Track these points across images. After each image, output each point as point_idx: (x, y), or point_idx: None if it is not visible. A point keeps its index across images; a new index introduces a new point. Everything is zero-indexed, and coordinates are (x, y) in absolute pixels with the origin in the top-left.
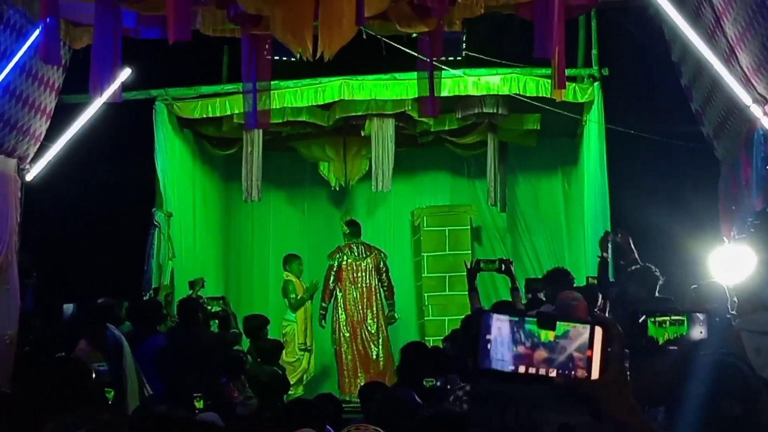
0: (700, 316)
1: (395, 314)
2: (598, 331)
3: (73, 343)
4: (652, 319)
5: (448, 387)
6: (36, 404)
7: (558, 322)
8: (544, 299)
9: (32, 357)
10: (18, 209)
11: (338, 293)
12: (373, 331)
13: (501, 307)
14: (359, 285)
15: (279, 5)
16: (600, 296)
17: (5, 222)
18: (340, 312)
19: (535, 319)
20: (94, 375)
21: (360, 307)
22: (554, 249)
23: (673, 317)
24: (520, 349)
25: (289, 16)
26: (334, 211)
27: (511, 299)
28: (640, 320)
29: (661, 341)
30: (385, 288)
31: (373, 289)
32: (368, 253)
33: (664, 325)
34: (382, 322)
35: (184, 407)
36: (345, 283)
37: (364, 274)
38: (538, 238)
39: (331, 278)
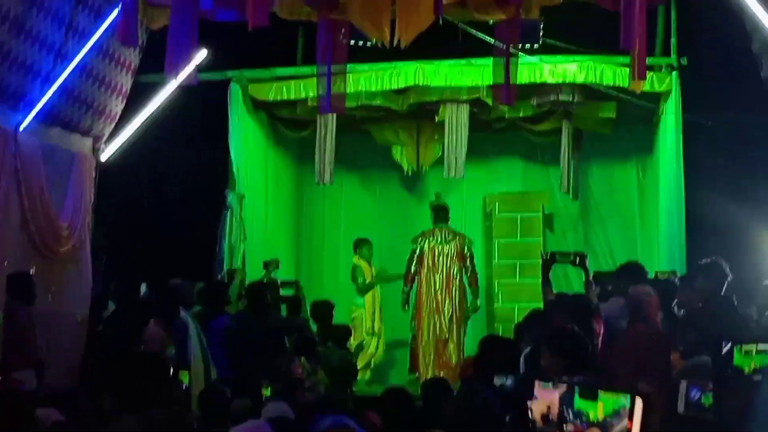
0: None
1: (478, 302)
2: (638, 403)
3: (143, 323)
4: (738, 348)
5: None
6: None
7: (599, 391)
8: (612, 292)
9: (104, 337)
10: (93, 189)
11: (420, 278)
12: (447, 321)
13: (573, 301)
14: (439, 270)
15: None
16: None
17: (80, 201)
18: (420, 297)
19: (577, 391)
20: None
21: (440, 294)
22: (626, 239)
23: (761, 346)
24: (569, 428)
25: (367, 2)
26: (406, 195)
27: (584, 292)
28: (725, 350)
29: (747, 371)
30: (468, 275)
31: (452, 276)
32: (451, 239)
33: (750, 354)
34: (458, 312)
35: (250, 393)
36: (426, 268)
37: (446, 259)
38: (611, 227)
39: (414, 263)
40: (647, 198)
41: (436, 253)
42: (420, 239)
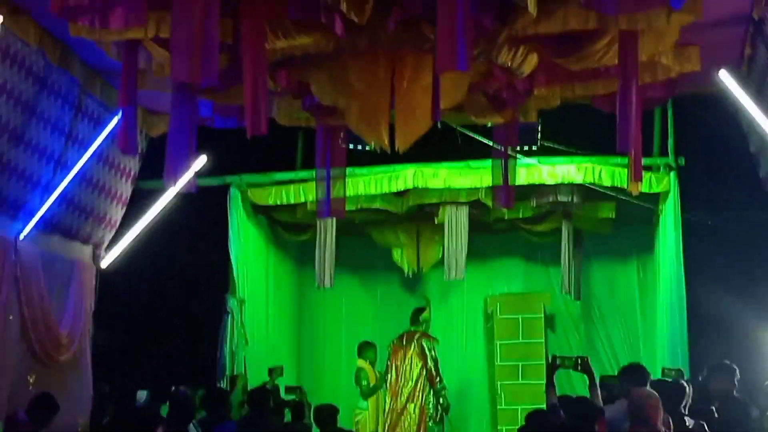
0: None
1: (442, 401)
2: None
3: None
4: None
5: None
6: None
7: None
8: (618, 395)
9: None
10: (93, 296)
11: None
12: (410, 420)
13: (577, 404)
14: (401, 371)
15: (355, 98)
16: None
17: (80, 309)
18: (387, 397)
19: None
20: None
21: (401, 395)
22: (629, 339)
23: None
24: None
25: (365, 108)
26: (407, 296)
27: (588, 395)
28: None
29: None
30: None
31: (413, 377)
32: (413, 339)
33: None
34: (417, 411)
35: None
36: (390, 368)
37: (408, 360)
38: (613, 327)
39: (386, 367)
40: (648, 297)
41: (399, 355)
42: (392, 342)
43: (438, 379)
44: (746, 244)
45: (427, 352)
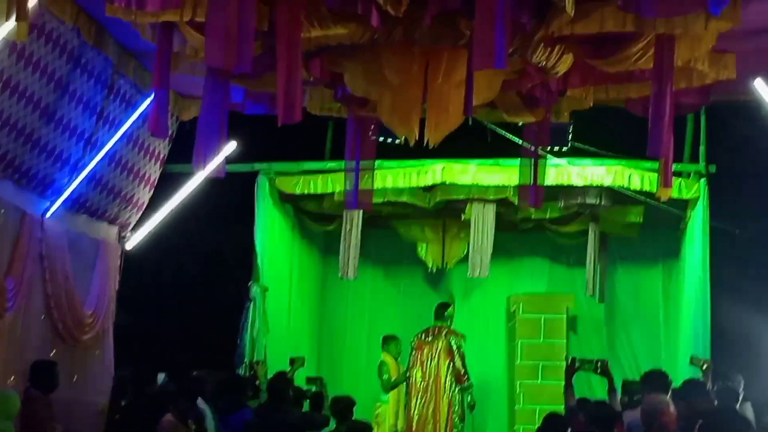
0: None
1: (470, 399)
2: None
3: (160, 413)
4: None
5: None
6: None
7: None
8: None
9: (122, 426)
10: (117, 277)
11: (410, 375)
12: (432, 417)
13: (595, 409)
14: (426, 367)
15: (387, 90)
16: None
17: (104, 289)
18: (409, 392)
19: None
20: None
21: (425, 391)
22: (651, 344)
23: None
24: None
25: (397, 101)
26: (430, 291)
27: (607, 398)
28: None
29: None
30: (455, 372)
31: (440, 374)
32: (440, 335)
33: None
34: (444, 409)
35: None
36: (414, 365)
37: (433, 356)
38: (635, 331)
39: (409, 361)
40: (672, 303)
41: (424, 350)
42: (415, 336)
43: (465, 376)
44: None
45: (455, 349)
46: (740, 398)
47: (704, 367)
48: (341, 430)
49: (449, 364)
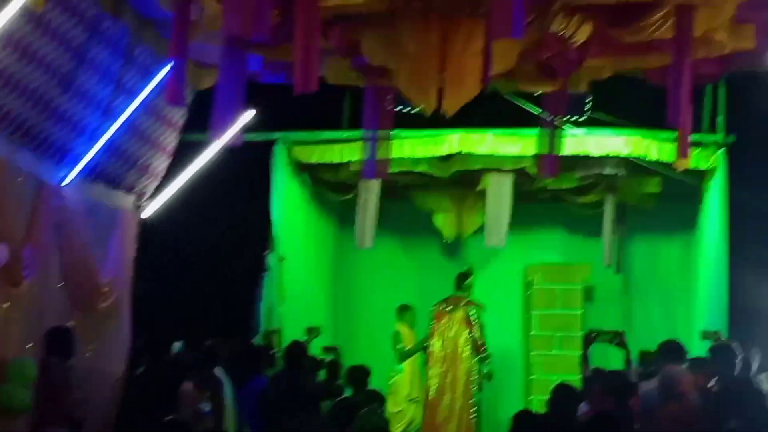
0: None
1: (488, 369)
2: None
3: (178, 381)
4: None
5: None
6: None
7: None
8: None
9: (138, 394)
10: (134, 246)
11: (429, 344)
12: (450, 387)
13: (611, 379)
14: (445, 337)
15: (405, 59)
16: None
17: (121, 258)
18: (429, 362)
19: None
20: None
21: (444, 360)
22: (667, 315)
23: None
24: None
25: (415, 71)
26: (446, 262)
27: (624, 369)
28: None
29: None
30: (473, 342)
31: (458, 343)
32: (459, 305)
33: None
34: (463, 379)
35: None
36: (435, 334)
37: (452, 326)
38: (652, 303)
39: (428, 331)
40: (689, 275)
41: (443, 320)
42: (435, 306)
43: (484, 346)
44: None
45: (473, 319)
46: (754, 370)
47: (716, 340)
48: (356, 399)
49: (468, 334)
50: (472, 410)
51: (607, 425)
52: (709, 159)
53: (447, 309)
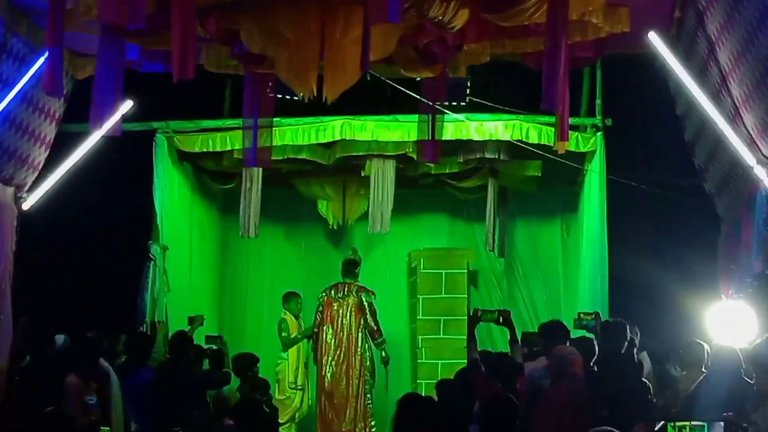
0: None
1: (384, 353)
2: None
3: (62, 374)
4: (672, 425)
5: None
6: None
7: None
8: (539, 352)
9: (22, 388)
10: (14, 238)
11: (318, 332)
12: (344, 374)
13: (498, 360)
14: (336, 324)
15: (284, 46)
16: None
17: (1, 251)
18: (319, 351)
19: None
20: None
21: (335, 348)
22: (550, 297)
23: (693, 423)
24: None
25: (294, 58)
26: (331, 248)
27: (510, 351)
28: (658, 428)
29: None
30: (368, 329)
31: (351, 331)
32: (351, 292)
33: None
34: (356, 366)
35: None
36: (324, 321)
37: (344, 313)
38: (535, 285)
39: (316, 318)
40: (571, 256)
41: (334, 307)
42: (323, 293)
43: (379, 332)
44: (669, 206)
45: (366, 306)
46: (635, 346)
47: (593, 318)
48: (243, 388)
49: (360, 320)
50: (367, 396)
51: (499, 408)
52: (588, 142)
53: (338, 296)
